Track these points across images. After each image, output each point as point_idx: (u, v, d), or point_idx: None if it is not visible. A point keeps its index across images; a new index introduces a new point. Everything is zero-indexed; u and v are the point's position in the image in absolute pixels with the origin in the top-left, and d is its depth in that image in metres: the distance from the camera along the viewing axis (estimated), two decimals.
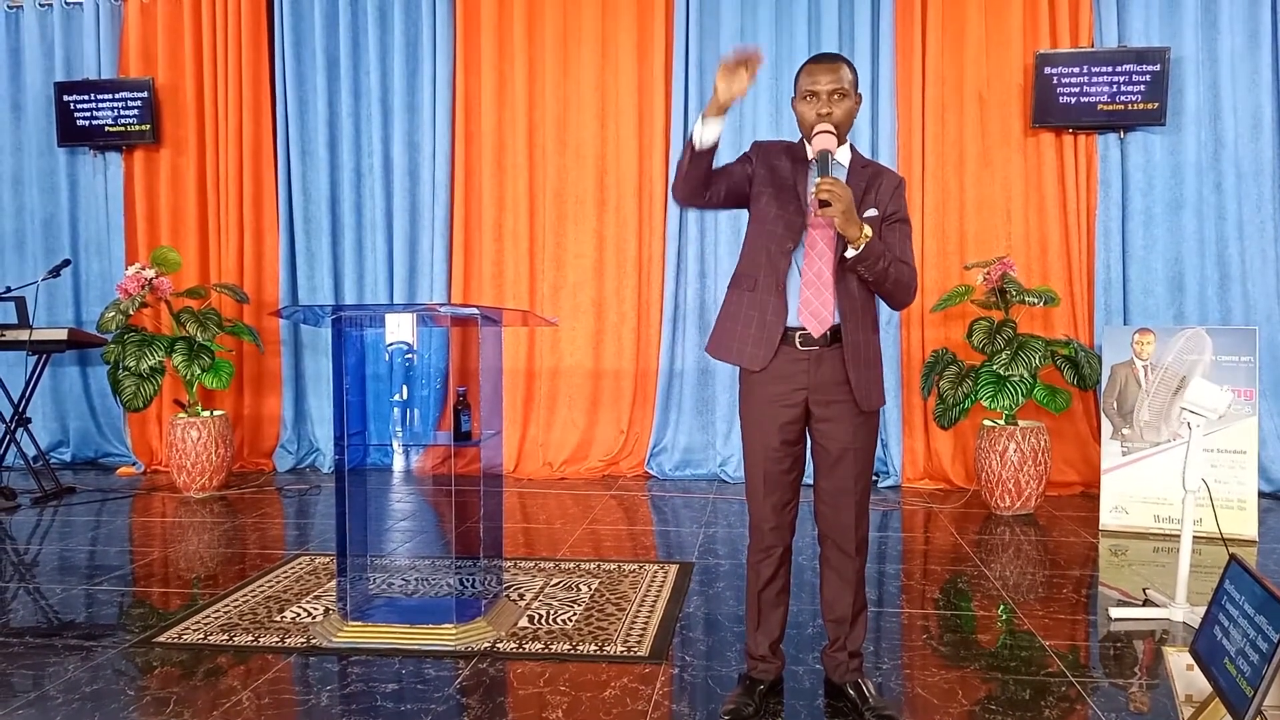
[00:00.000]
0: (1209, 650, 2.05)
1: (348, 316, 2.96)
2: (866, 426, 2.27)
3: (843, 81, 2.17)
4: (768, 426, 2.25)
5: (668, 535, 4.23)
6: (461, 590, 2.97)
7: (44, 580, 3.56)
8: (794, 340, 2.20)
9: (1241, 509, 4.05)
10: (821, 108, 2.17)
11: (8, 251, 6.08)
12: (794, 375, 2.22)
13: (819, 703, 2.40)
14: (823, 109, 2.17)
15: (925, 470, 5.27)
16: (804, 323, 2.19)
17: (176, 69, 5.86)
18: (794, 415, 2.24)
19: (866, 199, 2.21)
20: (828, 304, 2.18)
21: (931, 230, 5.22)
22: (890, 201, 2.24)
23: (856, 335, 2.21)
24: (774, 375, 2.23)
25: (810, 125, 2.20)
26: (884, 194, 2.23)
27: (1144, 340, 4.24)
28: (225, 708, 2.38)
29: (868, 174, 2.25)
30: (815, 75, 2.19)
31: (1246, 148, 5.00)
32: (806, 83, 2.20)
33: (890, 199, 2.24)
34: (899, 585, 3.42)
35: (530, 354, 5.66)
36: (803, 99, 2.21)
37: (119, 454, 6.02)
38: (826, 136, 2.13)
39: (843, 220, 2.04)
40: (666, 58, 5.45)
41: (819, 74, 2.19)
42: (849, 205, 2.04)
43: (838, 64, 2.20)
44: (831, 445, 2.25)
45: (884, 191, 2.23)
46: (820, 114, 2.17)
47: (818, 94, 2.18)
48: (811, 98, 2.19)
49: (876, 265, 2.13)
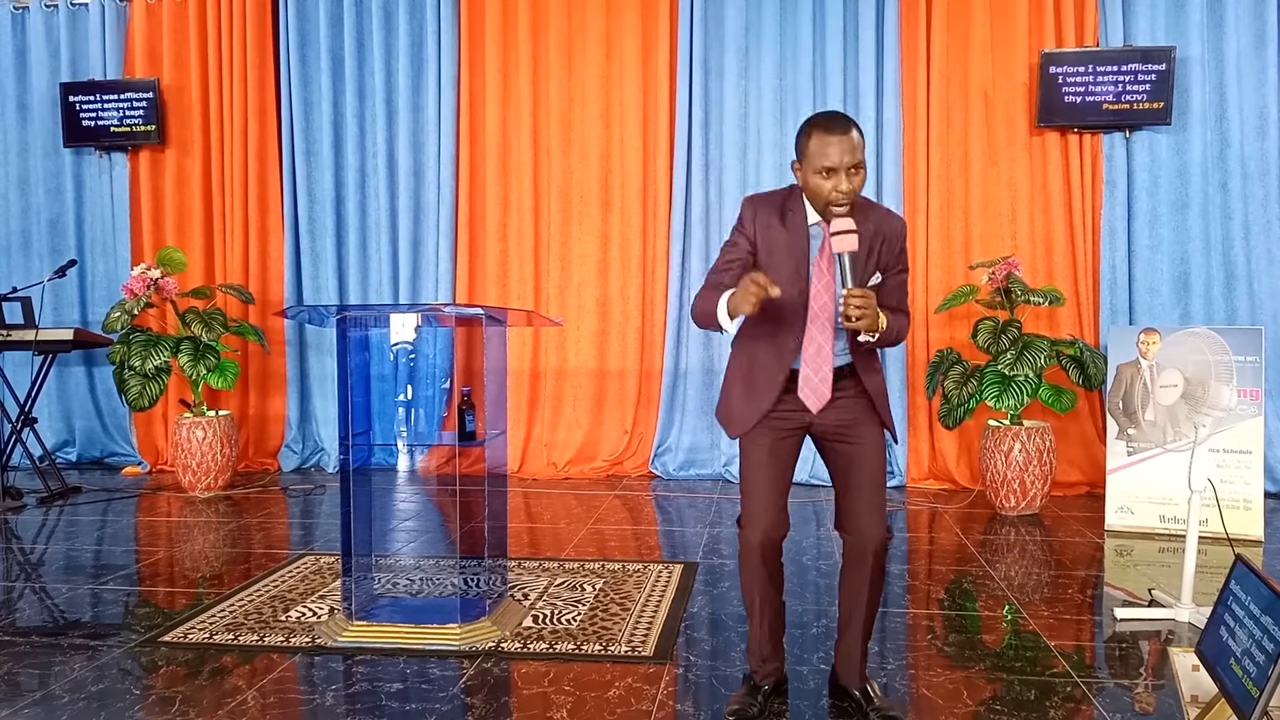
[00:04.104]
0: (1215, 651, 2.04)
1: (352, 317, 2.96)
2: (879, 429, 2.29)
3: (858, 155, 2.03)
4: (764, 439, 2.27)
5: (672, 535, 4.23)
6: (466, 590, 2.98)
7: (50, 580, 3.57)
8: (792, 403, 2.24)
9: (1247, 509, 4.04)
10: (839, 185, 2.03)
11: (14, 252, 6.10)
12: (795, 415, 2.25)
13: (823, 703, 2.40)
14: (844, 186, 2.03)
15: (930, 470, 5.26)
16: (805, 398, 2.22)
17: (182, 70, 5.87)
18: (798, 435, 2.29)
19: (871, 255, 2.17)
20: (826, 381, 2.20)
21: (936, 230, 5.21)
22: (895, 259, 2.23)
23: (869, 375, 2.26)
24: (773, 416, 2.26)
25: (824, 201, 2.07)
26: (888, 247, 2.21)
27: (1149, 340, 4.23)
28: (230, 707, 2.38)
29: (870, 227, 2.15)
30: (828, 147, 2.02)
31: (1252, 147, 4.98)
32: (819, 159, 2.03)
33: (895, 255, 2.23)
34: (904, 585, 3.41)
35: (535, 354, 5.66)
36: (815, 173, 2.05)
37: (124, 454, 6.03)
38: (848, 238, 2.01)
39: (866, 326, 2.04)
40: (671, 57, 5.45)
41: (832, 147, 2.02)
42: (874, 310, 2.04)
43: (853, 135, 2.03)
44: (846, 444, 2.26)
45: (888, 245, 2.20)
46: (843, 193, 2.03)
47: (834, 169, 2.03)
48: (828, 174, 2.04)
49: (884, 341, 2.18)
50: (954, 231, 5.23)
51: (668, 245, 5.48)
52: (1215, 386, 2.88)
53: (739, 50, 5.38)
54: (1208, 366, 4.03)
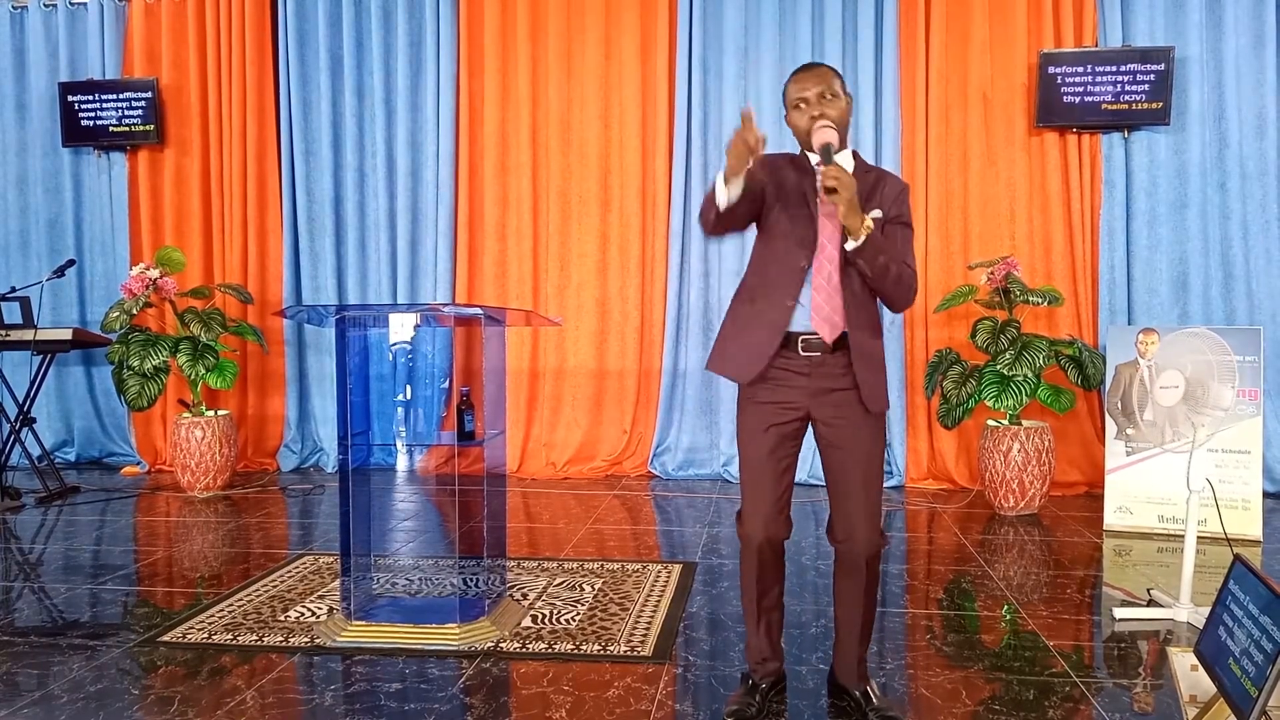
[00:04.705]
0: (1213, 651, 2.04)
1: (351, 316, 2.96)
2: (873, 429, 2.25)
3: (830, 84, 2.19)
4: (764, 431, 2.24)
5: (671, 535, 4.23)
6: (465, 590, 2.98)
7: (48, 580, 3.57)
8: (797, 346, 2.20)
9: (1246, 509, 4.05)
10: (813, 110, 2.18)
11: (12, 252, 6.10)
12: (793, 383, 2.22)
13: (822, 703, 2.40)
14: (814, 112, 2.17)
15: (929, 470, 5.27)
16: (816, 327, 2.18)
17: (181, 69, 5.87)
18: (793, 422, 2.24)
19: (871, 200, 2.20)
20: (838, 309, 2.18)
21: (935, 230, 5.22)
22: (894, 205, 2.22)
23: (861, 338, 2.21)
24: (772, 384, 2.23)
25: (806, 130, 2.20)
26: (888, 196, 2.22)
27: (1148, 340, 4.23)
28: (229, 707, 2.38)
29: (871, 178, 2.24)
30: (802, 84, 2.21)
31: (1251, 148, 4.99)
32: (795, 93, 2.22)
33: (894, 202, 2.22)
34: (903, 585, 3.41)
35: (534, 354, 5.66)
36: (794, 109, 2.22)
37: (123, 454, 6.03)
38: (827, 130, 2.13)
39: (846, 208, 2.04)
40: (670, 57, 5.45)
41: (805, 82, 2.21)
42: (854, 193, 2.04)
43: (822, 68, 2.22)
44: (838, 449, 2.24)
45: (888, 194, 2.22)
46: (813, 117, 2.17)
47: (808, 100, 2.19)
48: (803, 105, 2.20)
49: (877, 259, 2.11)
50: (953, 231, 5.23)
51: (667, 245, 5.48)
52: (1215, 387, 2.88)
53: (738, 50, 5.38)
54: (1208, 367, 4.03)
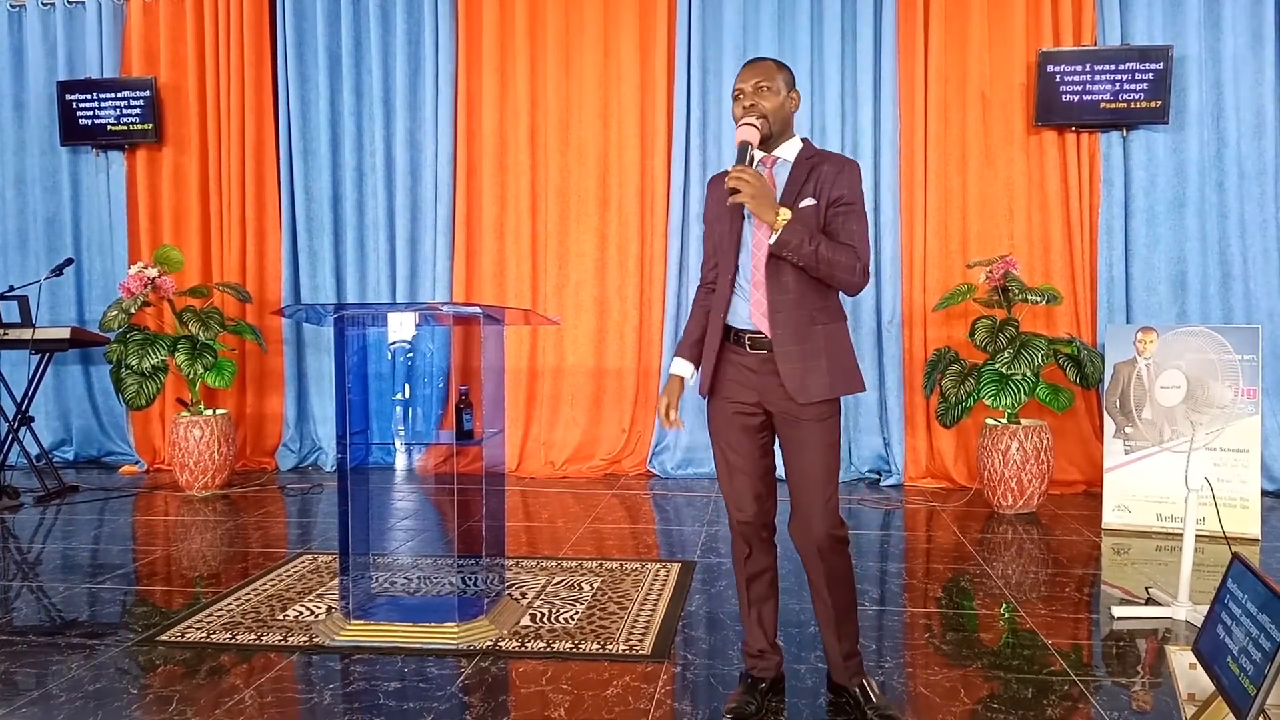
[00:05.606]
0: (1212, 649, 2.04)
1: (350, 315, 2.96)
2: (814, 420, 2.19)
3: (767, 77, 2.20)
4: (727, 422, 2.29)
5: (670, 534, 4.23)
6: (464, 589, 2.98)
7: (47, 579, 3.56)
8: (745, 343, 2.23)
9: (1244, 508, 4.05)
10: (747, 101, 2.20)
11: (10, 251, 6.09)
12: (745, 380, 2.24)
13: (821, 701, 2.40)
14: (748, 103, 2.19)
15: (928, 469, 5.27)
16: (757, 324, 2.20)
17: (179, 68, 5.87)
18: (755, 416, 2.26)
19: (805, 188, 2.18)
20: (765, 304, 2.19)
21: (934, 229, 5.22)
22: (834, 186, 2.17)
23: (789, 332, 2.16)
24: (730, 382, 2.27)
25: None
26: (825, 180, 2.18)
27: (1146, 339, 4.23)
28: (228, 706, 2.38)
29: (810, 164, 2.22)
30: (741, 77, 2.23)
31: (1249, 147, 4.99)
32: (735, 86, 2.24)
33: (833, 184, 2.17)
34: (901, 584, 3.42)
35: (532, 353, 5.66)
36: (734, 101, 2.24)
37: (122, 453, 6.03)
38: (746, 129, 2.16)
39: (754, 205, 2.08)
40: (669, 56, 5.45)
41: (743, 74, 2.23)
42: (757, 191, 2.06)
43: (764, 62, 2.24)
44: (787, 442, 2.25)
45: (825, 178, 2.18)
46: (746, 108, 2.19)
47: (744, 90, 2.21)
48: (739, 96, 2.22)
49: (802, 249, 2.09)
50: (951, 230, 5.23)
51: (665, 244, 5.48)
52: (1215, 386, 2.89)
53: (737, 49, 5.37)
54: (1208, 366, 4.04)
